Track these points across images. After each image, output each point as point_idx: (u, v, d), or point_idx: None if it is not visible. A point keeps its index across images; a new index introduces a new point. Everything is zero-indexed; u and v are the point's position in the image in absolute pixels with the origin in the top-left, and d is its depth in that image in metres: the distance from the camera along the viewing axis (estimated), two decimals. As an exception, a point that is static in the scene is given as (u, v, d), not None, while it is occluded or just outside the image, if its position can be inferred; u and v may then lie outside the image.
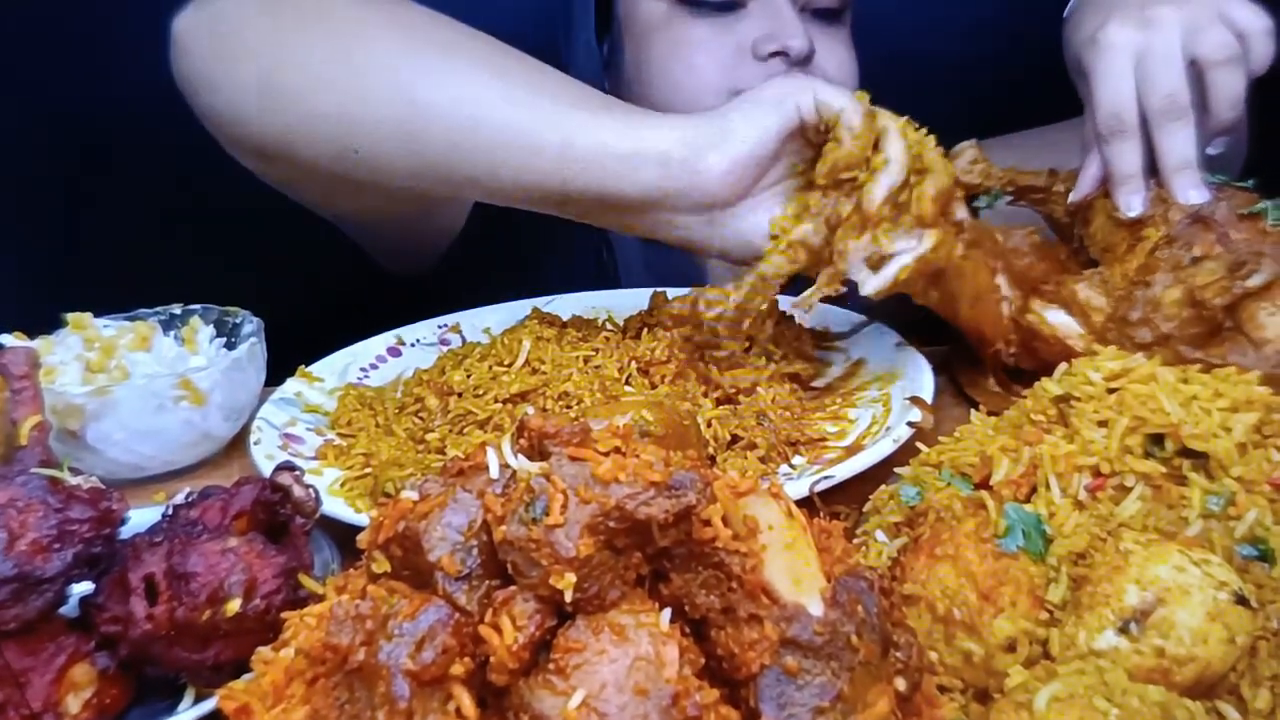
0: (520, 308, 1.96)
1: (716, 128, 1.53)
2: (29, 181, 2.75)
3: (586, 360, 1.62)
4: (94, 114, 2.73)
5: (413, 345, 1.92)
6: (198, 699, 1.09)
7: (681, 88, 2.06)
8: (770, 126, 1.53)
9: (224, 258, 2.55)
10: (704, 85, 2.03)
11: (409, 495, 0.89)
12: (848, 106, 1.50)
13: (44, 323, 1.67)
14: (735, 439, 1.51)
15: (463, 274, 2.14)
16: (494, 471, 0.88)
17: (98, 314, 1.70)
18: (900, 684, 0.88)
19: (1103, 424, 1.12)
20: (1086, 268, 1.69)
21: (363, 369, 1.84)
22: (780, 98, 1.54)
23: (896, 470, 1.29)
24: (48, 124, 2.76)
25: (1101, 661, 0.91)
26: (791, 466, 1.48)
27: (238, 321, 1.74)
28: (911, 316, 1.74)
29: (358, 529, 0.95)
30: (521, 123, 1.54)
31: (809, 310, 1.55)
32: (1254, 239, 1.56)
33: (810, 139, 1.56)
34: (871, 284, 1.49)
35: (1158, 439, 1.10)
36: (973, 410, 1.35)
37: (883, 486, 1.27)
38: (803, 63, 2.00)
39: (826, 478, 1.35)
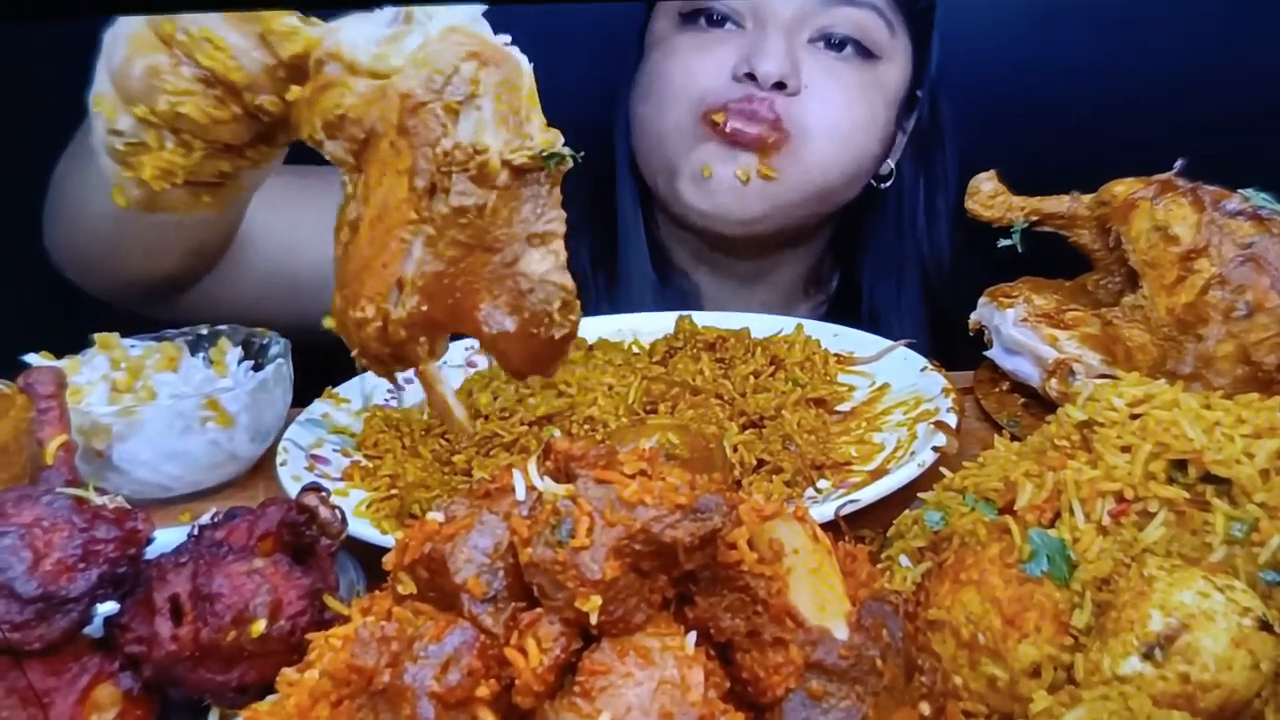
0: (547, 330, 1.96)
1: None
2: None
3: (611, 386, 1.63)
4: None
5: (439, 367, 1.92)
6: (221, 720, 1.09)
7: (664, 98, 2.19)
8: None
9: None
10: (680, 95, 2.15)
11: (435, 517, 0.90)
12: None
13: (71, 342, 1.67)
14: (761, 463, 1.52)
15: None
16: (520, 494, 0.88)
17: (125, 334, 1.71)
18: (925, 709, 0.88)
19: (1126, 449, 1.12)
20: (1112, 284, 1.68)
21: (389, 390, 1.84)
22: None
23: (920, 495, 1.28)
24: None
25: (1126, 687, 0.91)
26: (817, 490, 1.49)
27: (265, 342, 1.75)
28: (937, 342, 1.74)
29: (383, 550, 0.95)
30: None
31: None
32: None
33: None
34: None
35: (1181, 465, 1.09)
36: (997, 435, 1.35)
37: (907, 511, 1.27)
38: (779, 87, 2.08)
39: (852, 501, 1.35)
